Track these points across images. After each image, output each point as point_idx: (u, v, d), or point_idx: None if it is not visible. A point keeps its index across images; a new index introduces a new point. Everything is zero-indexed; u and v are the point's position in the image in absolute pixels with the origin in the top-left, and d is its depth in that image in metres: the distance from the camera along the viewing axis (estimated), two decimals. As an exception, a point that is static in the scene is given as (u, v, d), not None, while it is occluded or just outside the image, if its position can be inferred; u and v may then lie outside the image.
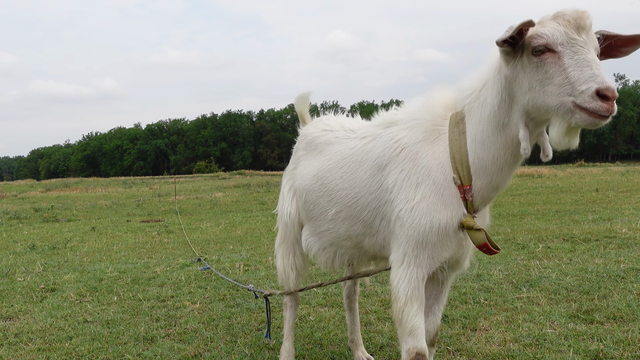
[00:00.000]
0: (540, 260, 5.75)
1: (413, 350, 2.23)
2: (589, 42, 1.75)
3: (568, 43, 1.75)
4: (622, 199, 12.92)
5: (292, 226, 3.02)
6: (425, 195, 2.17)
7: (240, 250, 7.83)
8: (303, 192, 2.83)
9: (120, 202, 21.73)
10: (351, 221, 2.55)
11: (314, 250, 2.87)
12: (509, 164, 2.04)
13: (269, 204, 17.50)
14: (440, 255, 2.20)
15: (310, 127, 3.03)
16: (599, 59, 1.82)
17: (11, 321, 4.44)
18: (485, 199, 2.14)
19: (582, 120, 1.71)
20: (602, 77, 1.68)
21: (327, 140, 2.79)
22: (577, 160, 54.32)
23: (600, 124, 1.71)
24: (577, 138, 1.84)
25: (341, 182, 2.56)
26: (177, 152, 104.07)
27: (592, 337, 3.38)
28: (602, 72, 1.69)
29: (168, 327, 4.11)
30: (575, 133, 1.81)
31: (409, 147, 2.27)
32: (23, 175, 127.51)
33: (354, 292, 3.39)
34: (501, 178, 2.08)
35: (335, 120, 2.90)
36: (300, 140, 3.08)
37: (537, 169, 32.43)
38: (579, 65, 1.72)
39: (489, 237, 2.08)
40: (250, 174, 50.79)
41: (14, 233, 11.84)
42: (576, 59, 1.73)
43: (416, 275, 2.22)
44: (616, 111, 1.68)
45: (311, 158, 2.85)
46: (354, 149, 2.57)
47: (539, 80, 1.82)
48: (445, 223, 2.13)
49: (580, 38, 1.74)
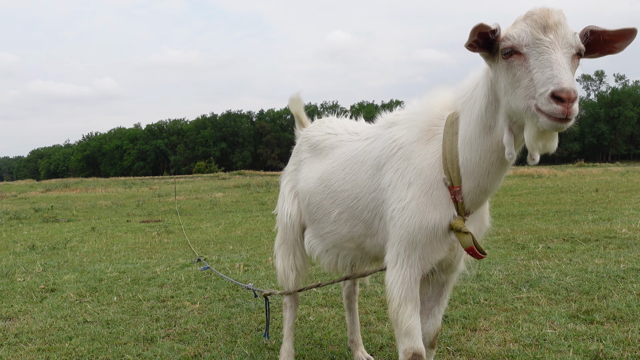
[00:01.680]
0: (540, 260, 5.75)
1: (410, 351, 2.24)
2: (555, 42, 1.67)
3: (534, 44, 1.70)
4: (622, 199, 12.92)
5: (292, 227, 3.02)
6: (415, 195, 2.16)
7: (240, 251, 7.83)
8: (306, 194, 2.82)
9: (120, 202, 21.73)
10: (353, 222, 2.55)
11: (317, 252, 2.88)
12: (496, 168, 2.01)
13: (268, 204, 17.49)
14: (431, 256, 2.19)
15: (313, 129, 3.02)
16: (594, 56, 1.78)
17: (11, 321, 4.44)
18: (475, 202, 2.11)
19: (545, 124, 1.64)
20: (560, 78, 1.60)
21: (331, 144, 2.79)
22: (577, 160, 54.36)
23: (561, 127, 1.63)
24: (553, 142, 1.76)
25: (344, 183, 2.57)
26: (177, 152, 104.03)
27: (592, 337, 3.38)
28: (561, 73, 1.61)
29: (168, 327, 4.11)
30: (549, 137, 1.74)
31: (405, 147, 2.27)
32: (23, 175, 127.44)
33: (353, 292, 3.39)
34: (489, 181, 2.04)
35: (339, 123, 2.90)
36: (302, 141, 3.07)
37: (537, 169, 32.42)
38: (542, 67, 1.66)
39: (476, 241, 2.07)
40: (250, 174, 50.76)
41: (13, 233, 11.84)
42: (540, 59, 1.67)
43: (409, 276, 2.21)
44: (575, 113, 1.59)
45: (315, 162, 2.86)
46: (357, 150, 2.57)
47: (510, 83, 1.78)
48: (434, 224, 2.12)
49: (546, 38, 1.68)
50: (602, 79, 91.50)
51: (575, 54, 1.72)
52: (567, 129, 1.66)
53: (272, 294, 3.39)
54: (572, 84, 1.60)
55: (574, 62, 1.73)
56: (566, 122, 1.62)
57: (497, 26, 1.78)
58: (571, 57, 1.70)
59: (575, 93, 1.59)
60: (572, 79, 1.64)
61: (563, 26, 1.70)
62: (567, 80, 1.61)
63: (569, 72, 1.64)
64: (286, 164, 3.30)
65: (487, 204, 2.34)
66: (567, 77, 1.61)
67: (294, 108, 3.30)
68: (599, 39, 1.76)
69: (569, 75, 1.63)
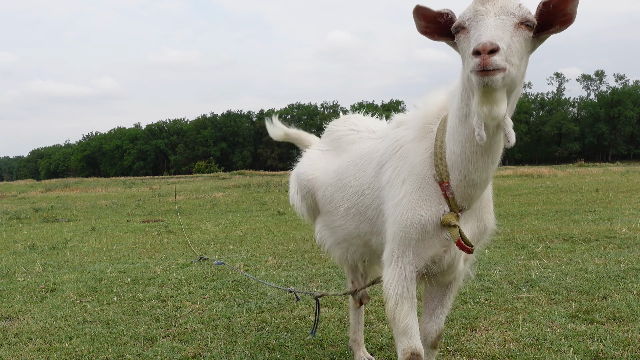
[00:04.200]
0: (540, 260, 5.75)
1: (408, 351, 2.23)
2: (491, 10, 1.71)
3: (474, 16, 1.74)
4: (622, 199, 12.91)
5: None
6: (407, 191, 2.18)
7: (240, 251, 7.83)
8: (322, 185, 2.89)
9: (120, 202, 21.73)
10: (359, 218, 2.58)
11: (328, 244, 2.95)
12: (478, 157, 1.97)
13: (269, 204, 17.49)
14: (424, 252, 2.19)
15: (339, 124, 3.08)
16: (556, 30, 1.78)
17: (11, 321, 4.44)
18: (465, 197, 2.09)
19: (475, 82, 1.66)
20: (481, 36, 1.65)
21: (352, 140, 2.85)
22: (577, 160, 54.40)
23: (486, 81, 1.63)
24: (497, 106, 1.71)
25: (354, 179, 2.61)
26: (177, 152, 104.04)
27: (592, 337, 3.38)
28: (485, 32, 1.65)
29: (168, 327, 4.11)
30: (487, 100, 1.70)
31: (405, 146, 2.29)
32: (23, 175, 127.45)
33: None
34: (474, 173, 2.01)
35: (363, 121, 2.97)
36: (327, 134, 3.14)
37: (537, 169, 32.47)
38: (474, 33, 1.71)
39: (463, 234, 2.06)
40: (250, 174, 50.72)
41: (14, 233, 11.83)
42: (475, 27, 1.72)
43: (405, 274, 2.21)
44: (495, 64, 1.60)
45: (335, 155, 2.92)
46: (369, 148, 2.62)
47: (462, 58, 1.84)
48: (425, 220, 2.13)
49: (483, 8, 1.73)
50: (602, 79, 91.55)
51: (519, 23, 1.73)
52: (495, 83, 1.64)
53: (323, 296, 3.42)
54: (490, 37, 1.63)
55: (518, 30, 1.73)
56: (487, 75, 1.62)
57: (448, 11, 1.83)
58: (513, 25, 1.71)
59: (492, 45, 1.60)
60: (497, 35, 1.65)
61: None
62: (487, 35, 1.64)
63: (494, 30, 1.66)
64: (286, 163, 3.31)
65: (490, 204, 2.32)
66: (487, 33, 1.65)
67: (277, 132, 3.51)
68: (550, 9, 1.76)
69: (493, 32, 1.65)
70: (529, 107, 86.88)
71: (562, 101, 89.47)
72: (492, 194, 2.34)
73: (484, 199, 2.25)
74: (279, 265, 6.38)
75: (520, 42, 1.73)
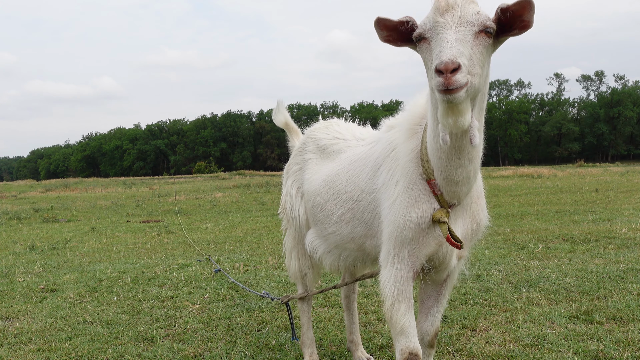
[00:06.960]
0: (540, 260, 5.75)
1: (406, 350, 2.24)
2: (450, 22, 1.73)
3: (434, 27, 1.76)
4: (621, 199, 12.92)
5: (304, 227, 3.08)
6: (400, 192, 2.21)
7: (240, 251, 7.83)
8: (312, 195, 2.88)
9: (120, 202, 21.72)
10: (354, 223, 2.59)
11: (319, 252, 2.92)
12: (452, 157, 1.98)
13: (268, 204, 17.49)
14: (419, 251, 2.21)
15: (320, 130, 3.06)
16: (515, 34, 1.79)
17: (11, 321, 4.44)
18: (451, 194, 2.11)
19: (439, 98, 1.71)
20: (442, 52, 1.66)
21: (339, 149, 2.86)
22: (577, 160, 54.42)
23: (449, 98, 1.67)
24: (461, 117, 1.74)
25: (347, 185, 2.62)
26: (177, 152, 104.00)
27: (592, 337, 3.38)
28: (446, 48, 1.67)
29: (168, 327, 4.11)
30: (452, 112, 1.72)
31: (397, 148, 2.32)
32: (23, 175, 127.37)
33: (352, 292, 3.40)
34: (453, 171, 2.02)
35: (347, 129, 2.97)
36: (307, 141, 3.10)
37: (537, 169, 32.47)
38: (435, 46, 1.73)
39: (452, 230, 2.07)
40: (250, 174, 50.75)
41: (13, 233, 11.83)
42: (436, 40, 1.74)
43: (401, 274, 2.23)
44: (458, 83, 1.63)
45: (322, 164, 2.91)
46: (361, 154, 2.64)
47: (425, 66, 1.87)
48: (417, 218, 2.15)
49: (442, 19, 1.74)
50: (602, 79, 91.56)
51: (479, 32, 1.75)
52: (459, 99, 1.67)
53: (291, 299, 3.41)
54: (452, 56, 1.64)
55: (479, 39, 1.75)
56: (451, 93, 1.66)
57: (409, 18, 1.86)
58: (473, 35, 1.73)
59: (454, 63, 1.62)
60: (457, 51, 1.67)
61: (460, 7, 1.75)
62: (448, 53, 1.65)
63: (454, 46, 1.68)
64: (286, 163, 3.32)
65: (482, 201, 2.32)
66: (448, 51, 1.66)
67: (279, 118, 3.49)
68: (508, 15, 1.78)
69: (453, 48, 1.67)
70: (529, 107, 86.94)
71: (562, 101, 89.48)
72: (483, 191, 2.35)
73: (474, 196, 2.24)
74: (279, 266, 6.38)
75: (481, 50, 1.76)
